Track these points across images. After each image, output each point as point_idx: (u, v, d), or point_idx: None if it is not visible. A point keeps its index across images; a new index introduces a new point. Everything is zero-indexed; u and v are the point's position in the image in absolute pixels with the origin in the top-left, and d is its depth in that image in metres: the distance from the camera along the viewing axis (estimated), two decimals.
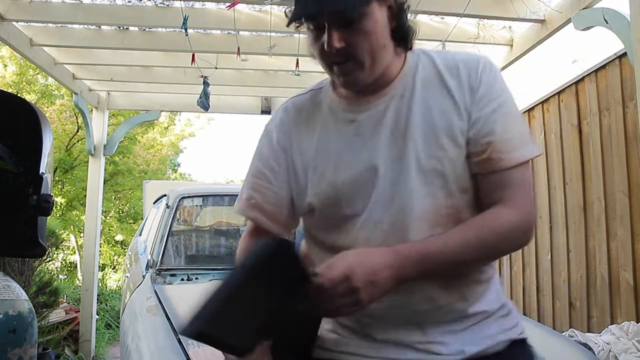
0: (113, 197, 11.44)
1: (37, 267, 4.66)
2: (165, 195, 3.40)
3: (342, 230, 0.98)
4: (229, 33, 3.61)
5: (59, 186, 9.87)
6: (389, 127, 0.96)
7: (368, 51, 0.92)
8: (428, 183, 0.93)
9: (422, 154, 0.93)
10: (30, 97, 8.16)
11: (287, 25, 0.97)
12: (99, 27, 3.70)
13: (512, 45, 3.58)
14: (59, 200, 9.68)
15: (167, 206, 2.96)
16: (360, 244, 0.94)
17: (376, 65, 0.94)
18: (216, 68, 3.81)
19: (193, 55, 3.53)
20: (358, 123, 0.99)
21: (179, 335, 1.68)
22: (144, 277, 2.56)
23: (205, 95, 3.84)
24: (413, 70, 0.99)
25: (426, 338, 0.93)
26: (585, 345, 2.19)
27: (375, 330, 0.95)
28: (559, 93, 3.47)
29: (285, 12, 1.00)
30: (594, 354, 2.14)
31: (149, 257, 2.68)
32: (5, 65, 8.23)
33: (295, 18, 0.93)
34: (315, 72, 4.27)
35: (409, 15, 0.99)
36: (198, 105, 3.89)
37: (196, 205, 3.31)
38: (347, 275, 0.82)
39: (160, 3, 3.34)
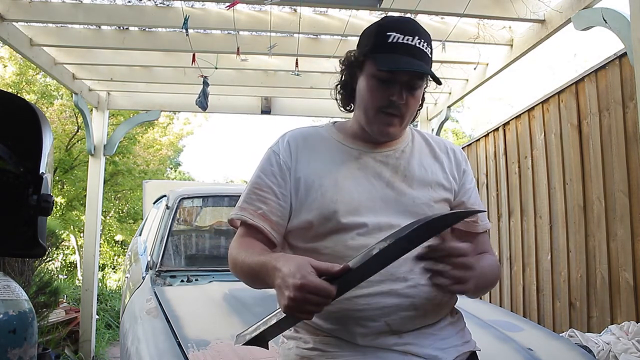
0: (113, 197, 11.45)
1: (37, 267, 4.66)
2: (165, 196, 3.40)
3: (336, 240, 1.12)
4: (229, 33, 3.61)
5: (59, 186, 9.87)
6: (389, 172, 1.18)
7: (411, 113, 1.17)
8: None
9: (417, 200, 1.16)
10: (30, 97, 8.16)
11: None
12: (99, 27, 3.70)
13: (512, 45, 3.58)
14: (59, 200, 9.68)
15: (167, 207, 2.95)
16: (352, 251, 1.09)
17: (407, 126, 1.21)
18: (216, 68, 3.81)
19: (193, 55, 3.54)
20: (363, 161, 1.18)
21: (179, 338, 1.68)
22: (143, 278, 2.56)
23: (204, 95, 3.85)
24: (411, 137, 1.26)
25: (402, 341, 1.09)
26: (585, 347, 2.19)
27: (358, 338, 1.09)
28: (559, 93, 3.47)
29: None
30: (594, 356, 2.13)
31: (149, 258, 2.68)
32: (5, 66, 8.23)
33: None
34: (314, 72, 4.28)
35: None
36: (196, 104, 3.90)
37: (196, 206, 3.31)
38: None
39: (161, 3, 3.34)
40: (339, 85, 1.24)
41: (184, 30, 3.17)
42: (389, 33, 1.10)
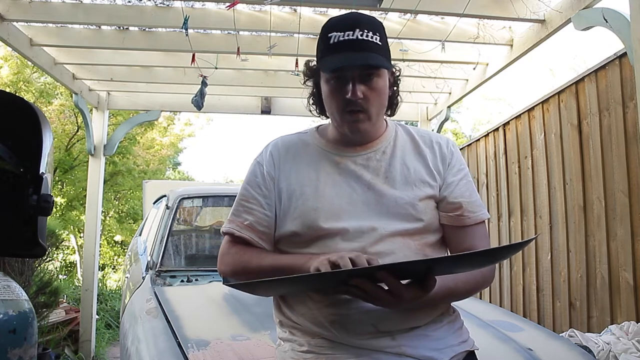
0: (113, 197, 11.45)
1: (37, 267, 4.66)
2: (165, 196, 3.40)
3: (321, 246, 1.12)
4: (229, 33, 3.62)
5: (59, 186, 9.88)
6: (370, 174, 1.17)
7: (376, 106, 1.14)
8: (401, 221, 1.13)
9: (400, 200, 1.14)
10: (28, 97, 8.16)
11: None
12: (99, 27, 3.70)
13: (512, 45, 3.58)
14: (59, 200, 9.68)
15: (167, 207, 2.96)
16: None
17: (378, 120, 1.18)
18: (216, 68, 3.81)
19: (193, 55, 3.54)
20: (343, 165, 1.18)
21: (179, 339, 1.68)
22: (143, 278, 2.56)
23: (200, 94, 3.85)
24: (394, 135, 1.23)
25: (396, 343, 1.08)
26: (585, 347, 2.19)
27: (350, 340, 1.09)
28: (559, 93, 3.47)
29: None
30: (594, 356, 2.14)
31: (149, 258, 2.68)
32: (1, 67, 8.22)
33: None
34: None
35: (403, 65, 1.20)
36: (192, 103, 3.90)
37: (196, 206, 3.30)
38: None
39: (160, 3, 3.34)
40: (310, 97, 1.26)
41: (184, 31, 3.17)
42: (329, 34, 1.11)
